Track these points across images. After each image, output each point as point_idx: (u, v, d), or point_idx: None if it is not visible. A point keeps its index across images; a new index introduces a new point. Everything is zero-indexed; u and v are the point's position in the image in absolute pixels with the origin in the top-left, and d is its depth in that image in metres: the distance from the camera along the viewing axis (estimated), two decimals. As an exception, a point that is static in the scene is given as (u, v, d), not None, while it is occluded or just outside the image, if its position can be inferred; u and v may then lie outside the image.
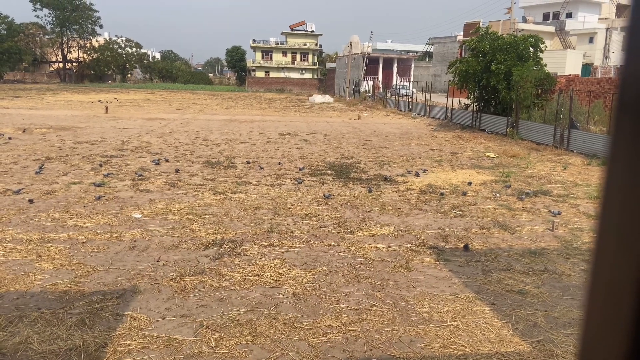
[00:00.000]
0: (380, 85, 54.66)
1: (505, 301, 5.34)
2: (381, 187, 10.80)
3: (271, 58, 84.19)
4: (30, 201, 8.60)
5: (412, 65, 61.10)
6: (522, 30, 37.32)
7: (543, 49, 21.88)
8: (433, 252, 6.79)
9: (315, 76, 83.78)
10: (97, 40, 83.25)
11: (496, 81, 20.94)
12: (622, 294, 0.39)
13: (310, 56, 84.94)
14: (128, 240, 6.90)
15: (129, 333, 4.44)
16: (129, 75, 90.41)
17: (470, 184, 11.25)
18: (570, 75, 28.36)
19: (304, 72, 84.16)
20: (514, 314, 5.03)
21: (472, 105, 24.18)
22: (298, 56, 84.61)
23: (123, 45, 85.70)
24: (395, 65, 60.44)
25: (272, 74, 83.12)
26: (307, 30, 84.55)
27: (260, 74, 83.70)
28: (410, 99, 35.48)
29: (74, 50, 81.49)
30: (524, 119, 19.76)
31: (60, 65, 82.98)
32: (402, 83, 45.90)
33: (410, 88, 39.63)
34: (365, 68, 56.89)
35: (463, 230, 7.84)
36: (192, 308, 4.95)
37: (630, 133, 0.36)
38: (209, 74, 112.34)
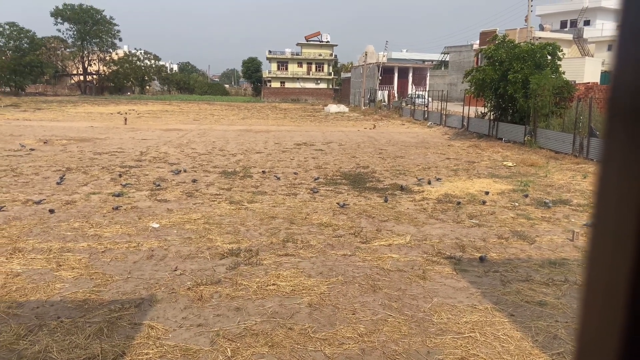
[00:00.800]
0: (396, 95, 54.61)
1: (525, 312, 5.25)
2: (397, 197, 10.75)
3: (287, 69, 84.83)
4: (51, 211, 8.75)
5: (428, 74, 60.96)
6: (540, 38, 36.99)
7: (561, 56, 21.66)
8: (450, 262, 6.72)
9: (331, 86, 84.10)
10: (116, 53, 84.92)
11: (513, 89, 20.77)
12: (615, 294, 0.39)
13: (326, 66, 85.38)
14: (146, 249, 6.97)
15: (147, 342, 4.47)
16: (147, 87, 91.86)
17: (487, 193, 11.13)
18: (589, 83, 27.98)
19: (319, 82, 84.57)
20: (534, 326, 4.94)
21: (488, 113, 23.99)
22: (313, 66, 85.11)
23: (142, 58, 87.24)
24: (410, 75, 60.37)
25: (288, 85, 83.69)
26: (322, 41, 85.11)
27: (275, 84, 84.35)
28: (426, 108, 35.38)
29: (94, 63, 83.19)
30: (542, 127, 19.54)
31: (81, 77, 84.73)
32: (417, 92, 45.79)
33: (426, 97, 39.53)
34: (380, 77, 56.94)
35: (481, 240, 7.75)
36: (209, 317, 4.97)
37: (621, 138, 0.36)
38: (226, 85, 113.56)
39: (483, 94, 23.11)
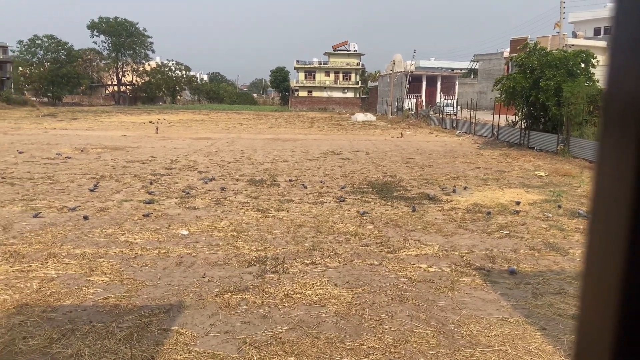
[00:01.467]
0: (424, 103, 54.22)
1: (557, 326, 5.10)
2: (425, 206, 10.64)
3: (314, 78, 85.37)
4: (85, 218, 9.00)
5: (457, 82, 60.35)
6: (572, 45, 36.22)
7: (595, 64, 21.14)
8: (480, 274, 6.59)
9: (358, 95, 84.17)
10: (149, 64, 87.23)
11: (545, 98, 20.35)
12: (608, 292, 0.40)
13: (353, 75, 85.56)
14: (175, 256, 7.08)
15: (175, 348, 4.53)
16: (178, 97, 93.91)
17: (518, 203, 10.90)
18: None
19: (346, 91, 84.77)
20: (567, 340, 4.79)
21: (519, 122, 23.56)
22: (340, 75, 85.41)
23: (173, 69, 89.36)
24: (438, 83, 59.89)
25: (315, 94, 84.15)
26: (349, 50, 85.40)
27: (303, 93, 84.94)
28: (454, 117, 34.99)
29: (127, 74, 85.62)
30: (575, 136, 19.05)
31: (115, 88, 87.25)
32: (446, 100, 45.35)
33: (455, 105, 39.10)
34: (408, 86, 56.66)
35: (511, 252, 7.58)
36: (236, 325, 5.01)
37: (614, 144, 0.38)
38: (254, 95, 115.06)
39: (514, 102, 22.72)
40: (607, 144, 0.39)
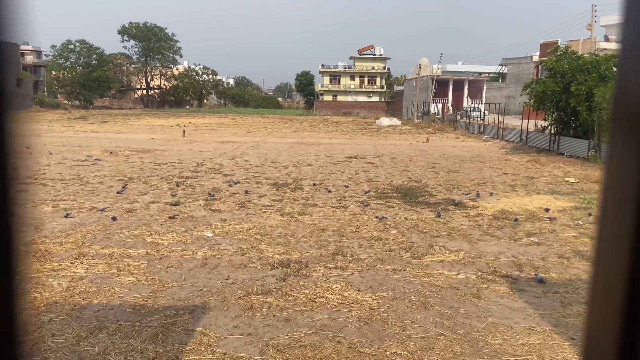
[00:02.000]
0: (450, 108, 53.66)
1: (587, 337, 4.95)
2: (450, 212, 10.50)
3: (339, 82, 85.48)
4: (114, 218, 9.19)
5: (484, 86, 59.55)
6: (604, 49, 35.35)
7: (628, 68, 20.55)
8: (506, 281, 6.46)
9: (383, 99, 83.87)
10: (177, 69, 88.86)
11: (576, 102, 19.89)
12: (614, 286, 0.41)
13: (378, 79, 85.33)
14: (200, 258, 7.16)
15: (199, 349, 4.57)
16: (205, 101, 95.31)
17: (547, 210, 10.66)
18: (659, 95, 26.33)
19: (371, 95, 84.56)
20: (597, 352, 4.65)
21: (549, 127, 23.09)
22: (366, 80, 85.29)
23: (200, 73, 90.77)
24: (466, 87, 59.23)
25: (340, 98, 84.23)
26: (375, 54, 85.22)
27: (328, 97, 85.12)
28: (481, 121, 34.51)
29: (156, 78, 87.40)
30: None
31: (144, 92, 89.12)
32: (473, 105, 44.79)
33: (482, 110, 38.57)
34: (434, 90, 56.20)
35: (540, 260, 7.41)
36: (259, 327, 5.03)
37: (621, 144, 0.38)
38: (279, 99, 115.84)
39: (543, 107, 22.29)
40: (614, 146, 0.40)
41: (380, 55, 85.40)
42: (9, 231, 0.42)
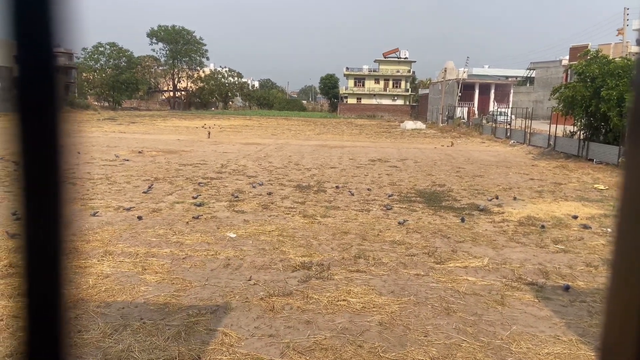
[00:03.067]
0: (476, 112, 52.98)
1: (616, 349, 4.81)
2: (475, 217, 10.36)
3: (363, 85, 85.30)
4: (139, 218, 9.35)
5: (511, 90, 58.62)
6: (636, 53, 34.39)
7: (662, 72, 19.95)
8: (532, 289, 6.33)
9: (408, 102, 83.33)
10: (203, 71, 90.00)
11: (607, 108, 19.39)
12: (634, 296, 0.39)
13: (403, 83, 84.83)
14: (223, 258, 7.23)
15: (220, 348, 4.61)
16: (230, 103, 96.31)
17: (575, 217, 10.41)
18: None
19: (395, 98, 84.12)
20: (627, 364, 4.51)
21: (578, 133, 22.58)
22: (390, 83, 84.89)
23: (226, 75, 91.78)
24: (492, 91, 58.38)
25: (364, 101, 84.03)
26: (400, 57, 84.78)
27: (352, 100, 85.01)
28: (508, 126, 33.96)
29: (183, 80, 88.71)
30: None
31: (171, 94, 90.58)
32: (499, 109, 44.12)
33: (509, 114, 37.95)
34: (460, 94, 55.58)
35: (567, 267, 7.24)
36: (280, 328, 5.04)
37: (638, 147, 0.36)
38: (303, 101, 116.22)
39: (572, 112, 21.80)
40: (634, 147, 0.39)
41: (406, 58, 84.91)
42: (60, 232, 0.45)
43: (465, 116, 50.64)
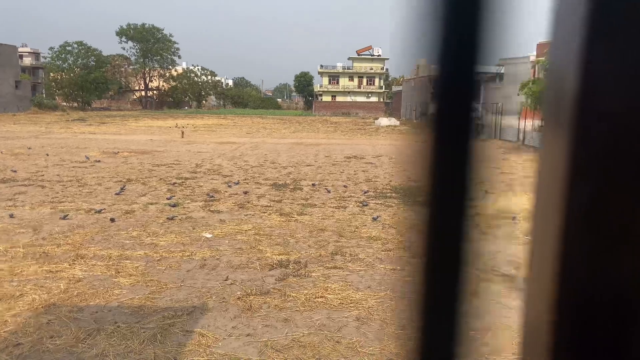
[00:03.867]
0: (449, 108, 53.75)
1: None
2: (449, 211, 10.51)
3: (338, 82, 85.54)
4: (112, 220, 9.18)
5: (482, 86, 59.54)
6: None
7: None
8: (504, 280, 6.47)
9: (382, 99, 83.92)
10: (175, 70, 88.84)
11: (573, 101, 19.94)
12: (544, 294, 0.42)
13: (377, 80, 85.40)
14: (199, 259, 7.15)
15: (197, 350, 4.56)
16: (204, 102, 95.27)
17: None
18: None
19: (370, 95, 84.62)
20: None
21: (546, 126, 23.12)
22: (364, 80, 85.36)
23: (199, 74, 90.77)
24: (464, 87, 59.27)
25: (339, 98, 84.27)
26: (373, 55, 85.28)
27: (327, 98, 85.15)
28: (479, 122, 34.52)
29: (155, 79, 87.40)
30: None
31: (143, 93, 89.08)
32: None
33: (480, 110, 38.55)
34: (432, 91, 56.24)
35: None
36: (257, 327, 5.02)
37: (548, 140, 0.41)
38: (278, 99, 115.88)
39: (541, 107, 22.36)
40: (545, 140, 0.42)
41: (379, 55, 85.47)
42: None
43: (439, 112, 51.24)
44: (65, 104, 75.72)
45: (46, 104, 65.74)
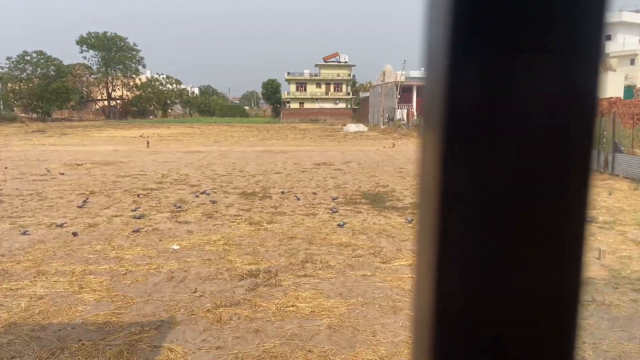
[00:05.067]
0: (415, 113, 54.58)
1: None
2: (417, 216, 10.64)
3: (305, 89, 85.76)
4: (74, 234, 8.90)
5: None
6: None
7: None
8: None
9: (349, 106, 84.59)
10: (139, 79, 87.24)
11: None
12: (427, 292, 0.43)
13: (344, 86, 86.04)
14: (166, 271, 7.01)
15: (166, 365, 4.45)
16: (169, 111, 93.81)
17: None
18: (612, 98, 27.54)
19: (337, 102, 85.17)
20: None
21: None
22: (332, 87, 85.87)
23: (164, 83, 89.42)
24: (429, 93, 60.30)
25: (307, 105, 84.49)
26: (340, 62, 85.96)
27: (294, 105, 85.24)
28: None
29: (118, 89, 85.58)
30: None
31: (105, 103, 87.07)
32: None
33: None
34: (399, 96, 57.07)
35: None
36: (228, 340, 4.95)
37: (427, 139, 0.43)
38: (246, 107, 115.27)
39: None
40: (424, 143, 0.45)
41: (346, 62, 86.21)
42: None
43: (405, 118, 52.05)
44: (24, 115, 73.21)
45: (3, 116, 63.42)
